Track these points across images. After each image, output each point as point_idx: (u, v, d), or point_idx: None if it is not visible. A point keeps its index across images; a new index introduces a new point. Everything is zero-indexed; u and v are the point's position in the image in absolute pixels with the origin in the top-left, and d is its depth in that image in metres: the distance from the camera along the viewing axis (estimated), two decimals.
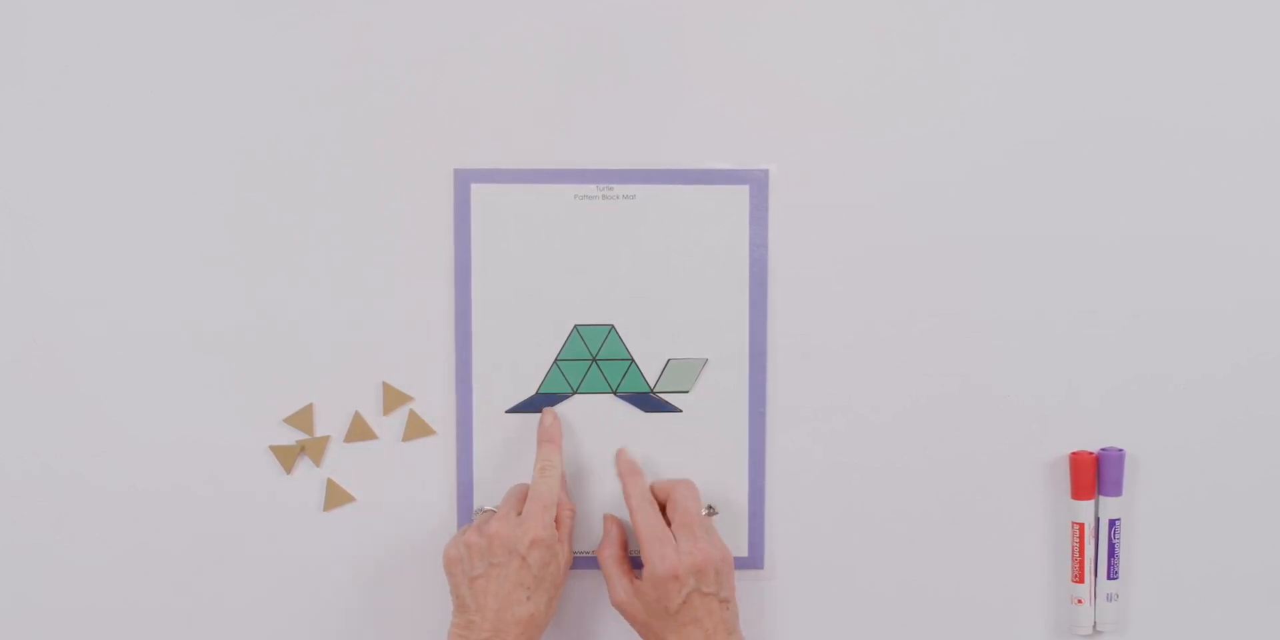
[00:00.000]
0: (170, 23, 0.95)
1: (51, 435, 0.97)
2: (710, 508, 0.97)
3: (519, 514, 0.92)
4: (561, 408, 0.99)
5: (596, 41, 0.97)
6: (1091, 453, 0.99)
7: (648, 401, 0.99)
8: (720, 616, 0.90)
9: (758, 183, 0.98)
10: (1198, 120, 0.98)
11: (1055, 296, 0.99)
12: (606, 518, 0.98)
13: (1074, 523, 0.99)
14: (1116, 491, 0.98)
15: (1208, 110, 0.98)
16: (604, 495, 1.00)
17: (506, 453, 0.99)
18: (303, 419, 0.98)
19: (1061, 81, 0.98)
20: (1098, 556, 0.99)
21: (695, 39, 0.97)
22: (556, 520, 0.94)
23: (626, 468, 0.97)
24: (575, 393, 0.99)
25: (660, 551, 0.90)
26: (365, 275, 0.97)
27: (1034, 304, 0.99)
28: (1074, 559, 0.99)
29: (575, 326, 0.98)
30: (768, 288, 0.98)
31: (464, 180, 0.97)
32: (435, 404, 0.98)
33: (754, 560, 1.00)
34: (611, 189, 0.98)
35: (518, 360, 0.98)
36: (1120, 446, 0.99)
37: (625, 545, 0.97)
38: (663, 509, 0.95)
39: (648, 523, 0.93)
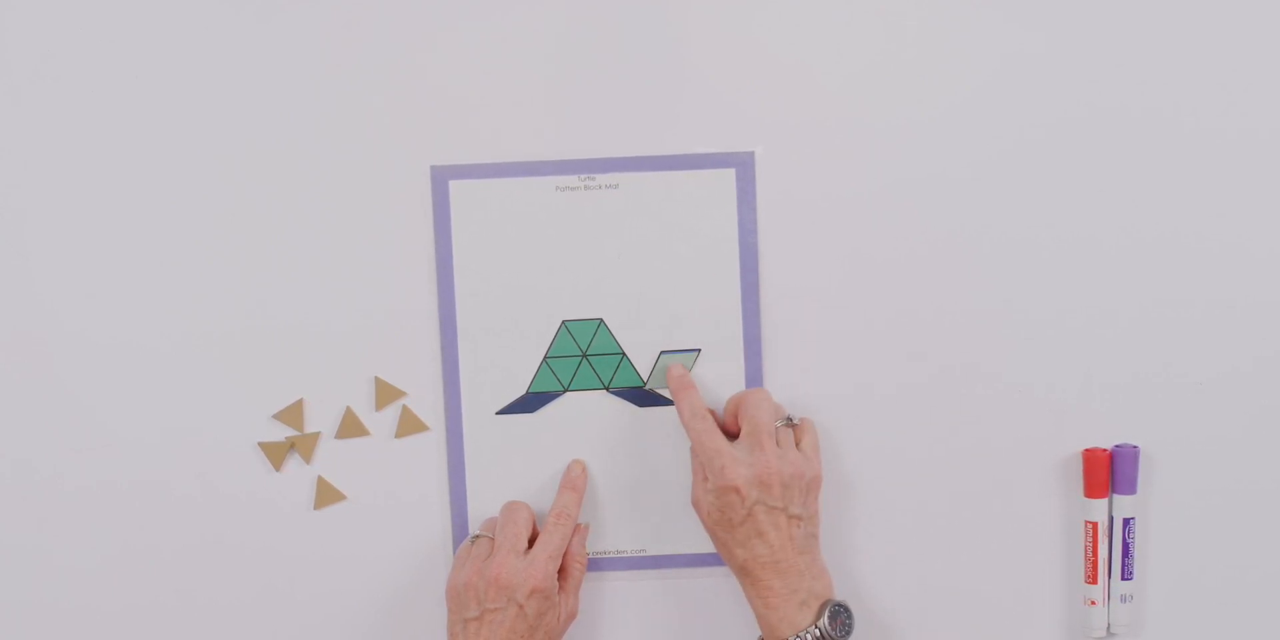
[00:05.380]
0: (147, 18, 0.95)
1: (33, 432, 0.97)
2: (789, 419, 0.94)
3: (523, 552, 0.91)
4: (554, 406, 0.97)
5: (568, 27, 0.95)
6: (1105, 450, 0.96)
7: (641, 396, 0.97)
8: (788, 532, 0.88)
9: (744, 166, 0.96)
10: (1221, 109, 0.95)
11: (1067, 288, 0.96)
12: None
13: (1087, 521, 0.97)
14: (1131, 489, 0.96)
15: (1231, 99, 0.95)
16: (605, 496, 0.98)
17: (499, 455, 0.97)
18: (292, 415, 0.97)
19: (1077, 64, 0.95)
20: (1111, 556, 0.97)
21: (670, 19, 0.95)
22: (565, 571, 0.93)
23: (677, 384, 0.95)
24: (567, 390, 0.97)
25: (718, 463, 0.88)
26: (353, 272, 0.96)
27: (1046, 296, 0.96)
28: (1087, 559, 0.97)
29: (563, 322, 0.97)
30: (759, 274, 0.96)
31: (441, 177, 0.95)
32: (428, 402, 0.97)
33: None
34: (593, 179, 0.96)
35: (506, 359, 0.97)
36: (1135, 443, 0.97)
37: None
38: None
39: (700, 439, 0.91)
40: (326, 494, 0.98)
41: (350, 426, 0.97)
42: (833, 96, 0.95)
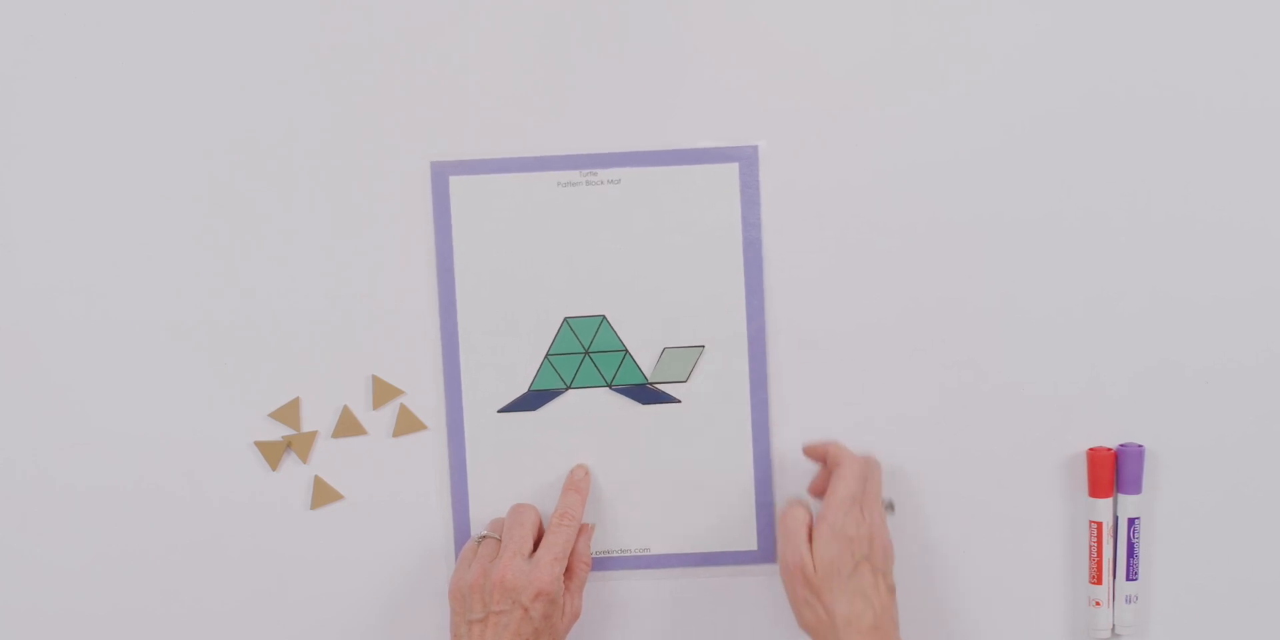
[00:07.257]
0: (145, 14, 0.94)
1: (24, 430, 0.96)
2: (890, 504, 0.94)
3: (529, 554, 0.90)
4: (555, 404, 0.96)
5: (570, 22, 0.94)
6: (1110, 449, 0.96)
7: (644, 393, 0.97)
8: (887, 600, 0.86)
9: (747, 160, 0.95)
10: (1226, 95, 0.94)
11: (1071, 284, 0.96)
12: (792, 504, 0.90)
13: (1091, 521, 0.96)
14: (1136, 489, 0.95)
15: (1237, 85, 0.94)
16: (608, 494, 0.97)
17: (501, 453, 0.97)
18: (289, 413, 0.96)
19: (1078, 50, 0.94)
20: (1116, 557, 0.96)
21: (673, 12, 0.94)
22: (569, 571, 0.92)
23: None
24: (569, 388, 0.96)
25: (849, 507, 0.87)
26: (351, 269, 0.96)
27: (1049, 291, 0.96)
28: (1091, 559, 0.96)
29: (565, 319, 0.96)
30: (763, 270, 0.96)
31: (441, 173, 0.95)
32: (425, 401, 0.96)
33: (763, 554, 0.98)
34: (595, 174, 0.95)
35: (507, 356, 0.96)
36: (1139, 442, 0.96)
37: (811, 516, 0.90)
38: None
39: (848, 483, 0.88)
40: (323, 493, 0.97)
41: (347, 425, 0.96)
42: (837, 91, 0.95)
